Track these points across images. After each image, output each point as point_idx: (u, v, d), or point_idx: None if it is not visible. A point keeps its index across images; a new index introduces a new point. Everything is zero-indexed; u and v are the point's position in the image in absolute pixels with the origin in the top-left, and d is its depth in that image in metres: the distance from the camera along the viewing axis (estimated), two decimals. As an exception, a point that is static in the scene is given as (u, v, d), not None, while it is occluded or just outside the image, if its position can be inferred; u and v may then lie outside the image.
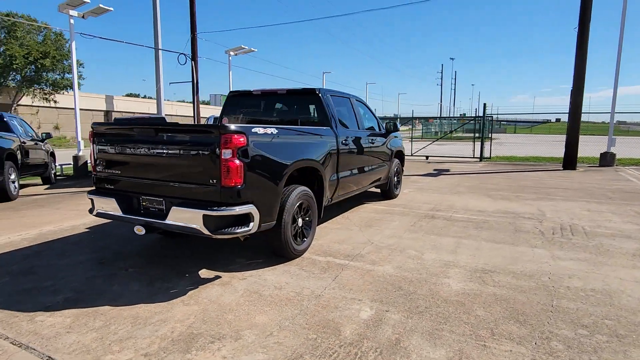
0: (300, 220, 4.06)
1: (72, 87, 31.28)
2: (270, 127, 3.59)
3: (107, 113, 37.35)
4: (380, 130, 6.44)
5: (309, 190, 4.16)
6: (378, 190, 7.19)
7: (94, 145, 3.82)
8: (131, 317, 2.81)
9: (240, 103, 5.45)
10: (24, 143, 8.32)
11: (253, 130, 3.34)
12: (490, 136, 17.07)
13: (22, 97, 29.31)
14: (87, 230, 5.21)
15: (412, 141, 17.95)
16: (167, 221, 3.33)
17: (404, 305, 2.96)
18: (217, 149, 3.11)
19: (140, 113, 37.59)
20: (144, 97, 49.08)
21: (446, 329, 2.59)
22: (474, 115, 35.93)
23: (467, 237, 4.71)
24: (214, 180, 3.17)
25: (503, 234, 4.82)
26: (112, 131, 3.76)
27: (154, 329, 2.63)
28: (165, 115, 14.87)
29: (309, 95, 5.00)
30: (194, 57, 19.89)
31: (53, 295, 3.19)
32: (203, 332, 2.58)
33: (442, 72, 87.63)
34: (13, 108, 28.62)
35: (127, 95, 47.16)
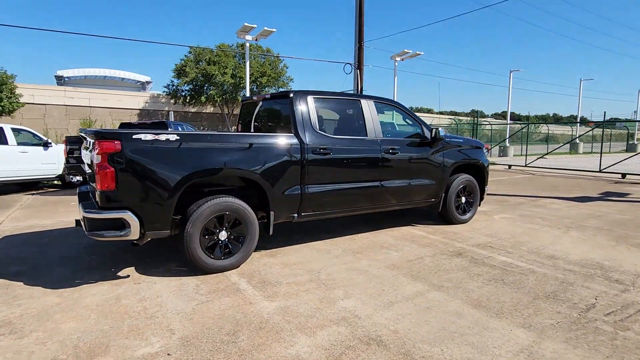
0: (223, 234, 3.77)
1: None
2: (170, 134, 3.50)
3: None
4: (424, 138, 5.21)
5: (240, 201, 3.82)
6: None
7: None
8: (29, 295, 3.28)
9: (248, 109, 5.42)
10: None
11: (134, 136, 3.33)
12: None
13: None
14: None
15: (601, 154, 13.56)
16: (78, 218, 3.71)
17: None
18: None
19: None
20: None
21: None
22: None
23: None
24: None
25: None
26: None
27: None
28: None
29: (282, 98, 4.54)
30: (359, 66, 20.62)
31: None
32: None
33: None
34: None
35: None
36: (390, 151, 4.86)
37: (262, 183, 3.94)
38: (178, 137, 3.53)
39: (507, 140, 26.98)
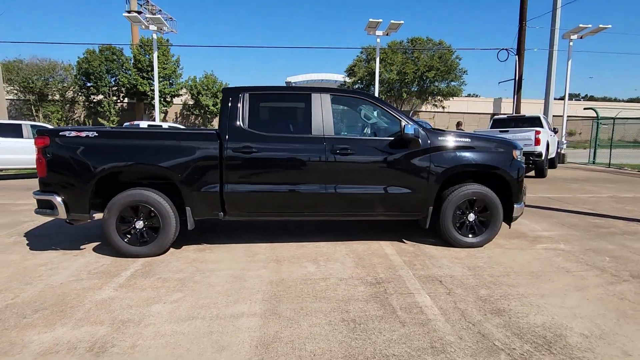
0: (139, 223, 4.11)
1: (456, 95, 34.75)
2: (90, 130, 4.03)
3: (493, 115, 38.32)
4: (398, 137, 4.22)
5: (155, 195, 4.06)
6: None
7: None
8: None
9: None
10: None
11: (61, 133, 4.00)
12: None
13: (418, 105, 35.94)
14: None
15: None
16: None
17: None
18: (41, 147, 4.10)
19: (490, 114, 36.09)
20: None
21: None
22: None
23: None
24: (45, 171, 4.16)
25: None
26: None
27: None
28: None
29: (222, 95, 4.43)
30: (519, 51, 17.46)
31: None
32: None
33: None
34: (410, 114, 35.60)
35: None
36: (339, 152, 4.17)
37: (173, 179, 4.08)
38: (97, 134, 4.04)
39: None
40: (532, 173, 11.64)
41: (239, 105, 4.22)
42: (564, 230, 5.31)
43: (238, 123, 4.18)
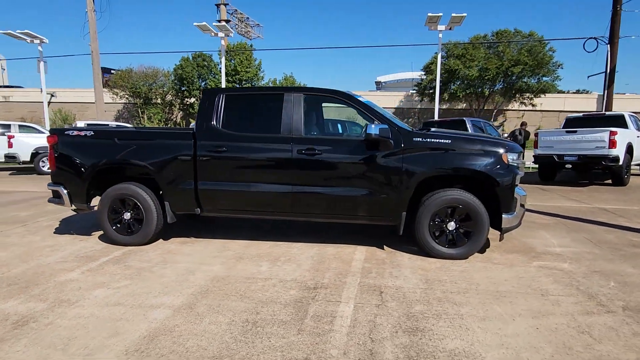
0: (127, 214, 4.51)
1: (549, 91, 31.49)
2: (88, 130, 4.53)
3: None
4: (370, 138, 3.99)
5: (138, 188, 4.42)
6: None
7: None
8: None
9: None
10: None
11: (65, 132, 4.56)
12: None
13: (504, 103, 33.10)
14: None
15: None
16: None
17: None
18: (56, 145, 4.73)
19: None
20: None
21: None
22: None
23: None
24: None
25: None
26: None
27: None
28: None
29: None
30: (612, 40, 15.19)
31: (81, 216, 6.14)
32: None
33: None
34: (494, 114, 33.03)
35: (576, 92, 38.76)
36: (305, 152, 4.09)
37: (153, 174, 4.39)
38: (93, 134, 4.52)
39: None
40: (609, 180, 10.06)
41: (215, 106, 4.39)
42: (587, 247, 4.53)
43: (213, 123, 4.35)
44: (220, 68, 21.23)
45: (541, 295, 3.21)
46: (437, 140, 3.97)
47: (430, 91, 32.27)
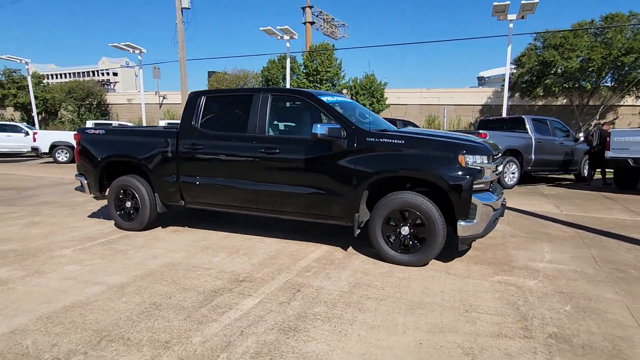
0: (128, 203, 5.14)
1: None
2: (100, 129, 5.24)
3: None
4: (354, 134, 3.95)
5: (135, 180, 5.01)
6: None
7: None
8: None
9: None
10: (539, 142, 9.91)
11: (86, 130, 5.34)
12: None
13: (613, 98, 28.68)
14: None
15: None
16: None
17: None
18: (84, 142, 5.58)
19: None
20: None
21: None
22: None
23: None
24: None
25: None
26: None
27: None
28: None
29: (190, 97, 4.95)
30: None
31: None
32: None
33: None
34: (600, 110, 28.84)
35: None
36: (265, 150, 4.22)
37: (145, 169, 4.92)
38: (104, 132, 5.22)
39: None
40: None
41: (196, 107, 4.77)
42: (581, 265, 3.89)
43: (193, 123, 4.73)
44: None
45: (465, 311, 2.93)
46: (390, 141, 3.80)
47: (523, 86, 29.22)
